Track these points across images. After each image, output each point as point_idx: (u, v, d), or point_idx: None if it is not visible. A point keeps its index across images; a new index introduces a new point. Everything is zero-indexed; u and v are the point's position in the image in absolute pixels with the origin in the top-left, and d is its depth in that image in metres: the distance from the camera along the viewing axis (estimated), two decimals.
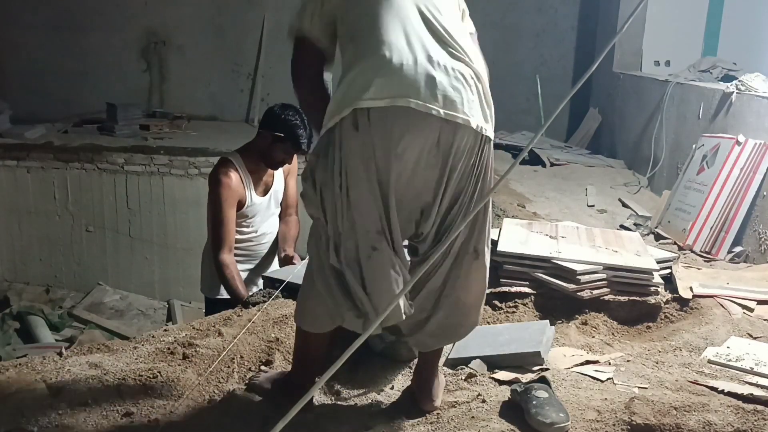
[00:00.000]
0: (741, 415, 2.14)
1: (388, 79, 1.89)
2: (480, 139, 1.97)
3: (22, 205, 6.04)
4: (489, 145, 2.01)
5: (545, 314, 2.90)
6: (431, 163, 1.95)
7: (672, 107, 5.15)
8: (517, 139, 6.53)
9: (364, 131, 1.90)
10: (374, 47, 1.94)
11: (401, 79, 1.89)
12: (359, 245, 1.96)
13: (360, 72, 1.94)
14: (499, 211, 4.26)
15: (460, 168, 1.96)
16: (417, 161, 1.94)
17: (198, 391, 2.27)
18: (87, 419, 2.11)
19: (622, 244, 3.25)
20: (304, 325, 2.16)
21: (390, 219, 1.96)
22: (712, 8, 6.20)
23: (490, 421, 2.13)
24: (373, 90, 1.88)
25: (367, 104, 1.88)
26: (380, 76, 1.90)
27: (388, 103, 1.88)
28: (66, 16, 7.10)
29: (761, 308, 2.95)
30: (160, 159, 6.03)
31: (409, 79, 1.88)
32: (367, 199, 1.93)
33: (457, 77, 1.92)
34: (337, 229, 1.98)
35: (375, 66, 1.92)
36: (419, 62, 1.90)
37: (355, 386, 2.38)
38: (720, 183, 4.00)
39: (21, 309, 5.56)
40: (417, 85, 1.88)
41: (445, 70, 1.91)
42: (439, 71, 1.90)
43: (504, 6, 7.30)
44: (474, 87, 1.95)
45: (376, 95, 1.88)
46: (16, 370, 2.38)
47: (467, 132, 1.93)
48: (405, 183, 1.95)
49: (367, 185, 1.92)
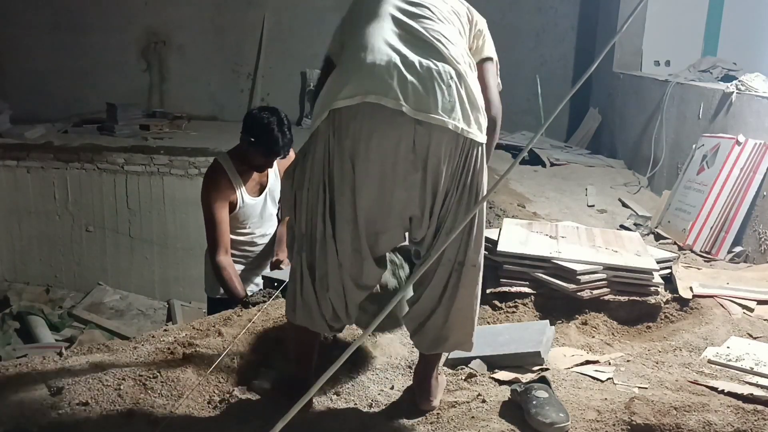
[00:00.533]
0: (741, 415, 2.14)
1: (361, 79, 1.92)
2: (463, 142, 1.94)
3: (22, 205, 6.04)
4: (477, 149, 1.97)
5: (545, 314, 2.90)
6: (409, 169, 1.94)
7: (672, 107, 5.15)
8: (517, 139, 6.54)
9: (338, 132, 1.93)
10: (353, 52, 1.98)
11: (372, 78, 1.90)
12: (321, 249, 2.01)
13: (338, 75, 1.99)
14: (499, 211, 4.26)
15: (444, 173, 1.94)
16: (394, 165, 1.93)
17: (198, 391, 2.27)
18: (87, 419, 2.11)
19: (622, 244, 3.25)
20: (293, 320, 2.18)
21: (358, 223, 1.98)
22: (712, 8, 6.20)
23: (490, 421, 2.13)
24: (346, 90, 1.91)
25: (340, 104, 1.91)
26: (353, 76, 1.93)
27: (359, 101, 1.90)
28: (66, 16, 7.10)
29: (761, 308, 2.95)
30: (160, 159, 6.03)
31: (380, 77, 1.90)
32: (340, 203, 1.97)
33: (433, 77, 1.91)
34: (301, 230, 2.03)
35: (350, 68, 1.96)
36: (392, 63, 1.91)
37: (355, 386, 2.38)
38: (720, 183, 4.00)
39: (21, 309, 5.57)
40: (387, 84, 1.89)
41: (420, 72, 1.91)
42: (413, 72, 1.90)
43: (504, 6, 7.30)
44: (454, 89, 1.93)
45: (348, 94, 1.91)
46: (16, 370, 2.38)
47: (444, 134, 1.91)
48: (386, 189, 1.95)
49: (340, 189, 1.96)
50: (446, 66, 1.94)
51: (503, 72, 2.36)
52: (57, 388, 2.23)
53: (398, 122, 1.89)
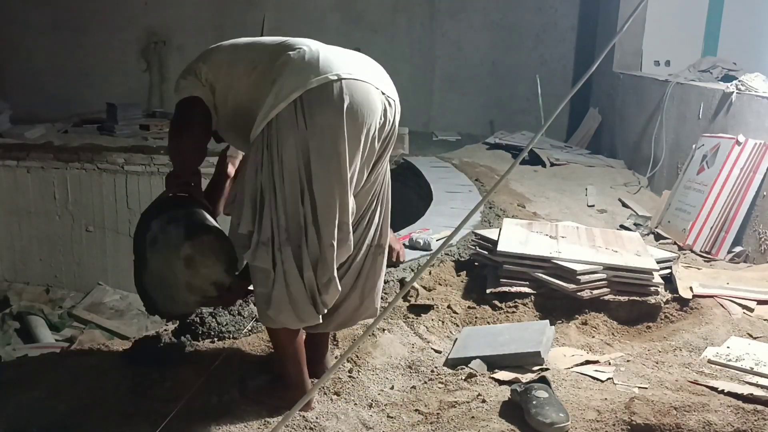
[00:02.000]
0: (741, 415, 2.14)
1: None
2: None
3: (22, 205, 6.04)
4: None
5: (545, 314, 2.90)
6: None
7: (672, 107, 5.15)
8: (517, 139, 6.54)
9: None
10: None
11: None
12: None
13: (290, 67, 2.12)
14: (499, 211, 4.26)
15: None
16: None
17: (198, 391, 2.27)
18: (87, 419, 2.11)
19: (622, 244, 3.25)
20: (281, 322, 2.12)
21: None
22: (712, 8, 6.20)
23: (490, 421, 2.13)
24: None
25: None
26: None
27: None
28: (66, 16, 7.10)
29: (761, 308, 2.95)
30: (160, 159, 6.03)
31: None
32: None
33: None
34: (281, 223, 2.02)
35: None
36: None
37: (355, 386, 2.38)
38: (720, 183, 4.00)
39: (21, 309, 5.57)
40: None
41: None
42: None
43: (504, 6, 7.31)
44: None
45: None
46: (17, 370, 2.38)
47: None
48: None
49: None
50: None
51: (503, 72, 2.37)
52: (57, 388, 2.23)
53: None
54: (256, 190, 2.01)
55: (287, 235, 2.00)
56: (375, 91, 2.01)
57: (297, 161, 1.96)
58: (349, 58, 2.06)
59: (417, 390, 2.37)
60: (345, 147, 1.96)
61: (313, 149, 1.95)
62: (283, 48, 2.07)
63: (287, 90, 1.95)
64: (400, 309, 2.95)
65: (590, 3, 7.21)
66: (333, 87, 1.94)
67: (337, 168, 1.97)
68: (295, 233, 2.00)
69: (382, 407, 2.27)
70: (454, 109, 7.45)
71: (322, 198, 1.98)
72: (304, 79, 1.94)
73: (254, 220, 2.02)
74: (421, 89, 7.38)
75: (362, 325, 2.71)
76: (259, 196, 2.01)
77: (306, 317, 2.07)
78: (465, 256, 3.41)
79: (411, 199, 5.30)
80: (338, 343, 2.61)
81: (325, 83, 1.94)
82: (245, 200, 2.02)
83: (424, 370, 2.51)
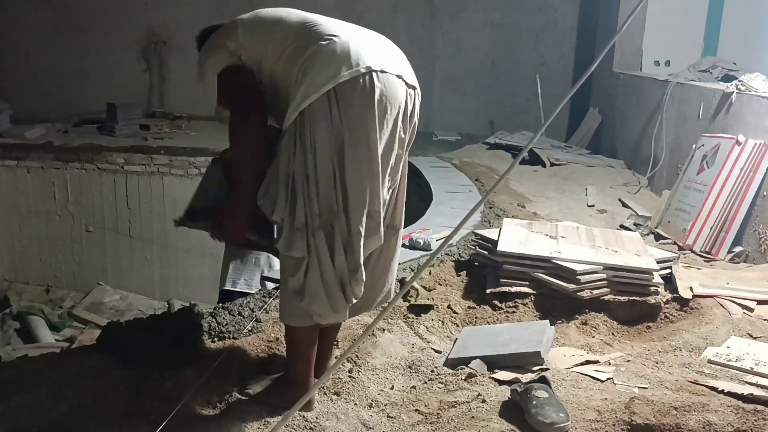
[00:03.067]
0: (741, 415, 2.14)
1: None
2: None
3: (22, 205, 6.05)
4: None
5: (545, 314, 2.90)
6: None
7: (672, 107, 5.15)
8: (517, 139, 6.54)
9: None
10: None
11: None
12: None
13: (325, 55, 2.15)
14: (499, 211, 4.26)
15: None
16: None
17: (198, 391, 2.27)
18: (87, 419, 2.11)
19: (622, 244, 3.25)
20: (292, 321, 2.15)
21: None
22: (712, 8, 6.20)
23: (490, 421, 2.13)
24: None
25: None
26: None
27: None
28: (66, 16, 7.11)
29: (761, 308, 2.95)
30: (160, 159, 6.04)
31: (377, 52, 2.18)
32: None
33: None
34: (314, 210, 2.05)
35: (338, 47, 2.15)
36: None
37: (355, 386, 2.38)
38: (720, 183, 4.00)
39: (21, 309, 5.57)
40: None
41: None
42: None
43: (504, 6, 7.31)
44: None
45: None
46: (17, 370, 2.38)
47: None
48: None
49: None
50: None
51: (503, 72, 2.38)
52: (57, 388, 2.23)
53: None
54: (288, 177, 2.05)
55: (320, 222, 2.03)
56: (400, 82, 2.08)
57: (330, 150, 2.01)
58: (376, 47, 2.10)
59: (417, 390, 2.37)
60: (376, 137, 2.01)
61: (346, 139, 2.00)
62: (311, 33, 2.10)
63: (319, 82, 2.00)
64: (400, 309, 2.95)
65: (590, 3, 7.21)
66: (365, 79, 1.99)
67: (368, 157, 2.02)
68: (327, 220, 2.04)
69: (382, 407, 2.27)
70: (454, 109, 7.45)
71: (353, 186, 2.03)
72: (336, 72, 1.99)
73: (286, 207, 2.05)
74: (421, 89, 7.31)
75: (362, 325, 2.72)
76: (290, 183, 2.05)
77: (338, 306, 2.08)
78: (465, 256, 3.41)
79: (411, 199, 5.29)
80: (338, 343, 2.60)
81: (356, 76, 1.99)
82: (279, 188, 2.06)
83: (424, 370, 2.51)
